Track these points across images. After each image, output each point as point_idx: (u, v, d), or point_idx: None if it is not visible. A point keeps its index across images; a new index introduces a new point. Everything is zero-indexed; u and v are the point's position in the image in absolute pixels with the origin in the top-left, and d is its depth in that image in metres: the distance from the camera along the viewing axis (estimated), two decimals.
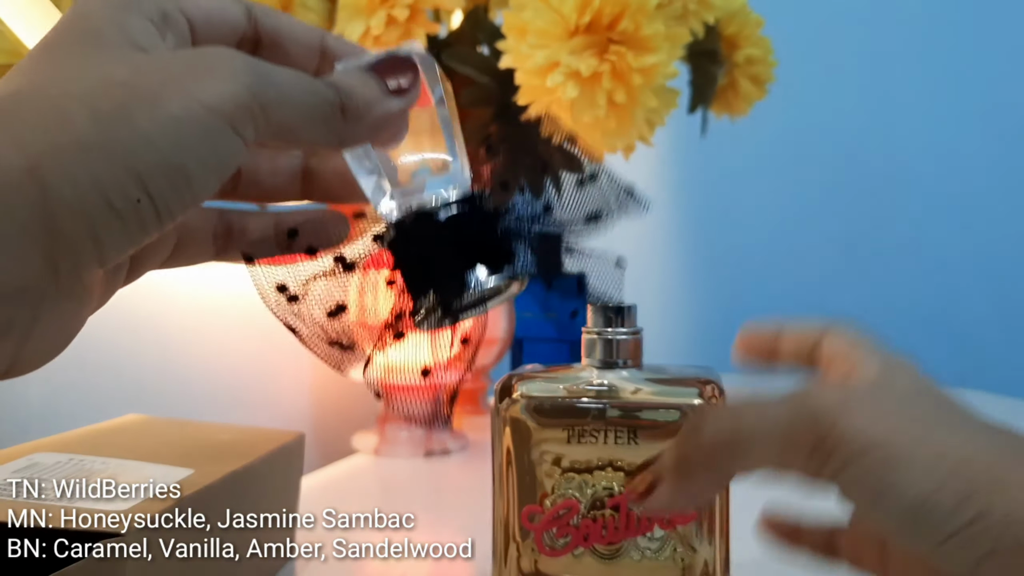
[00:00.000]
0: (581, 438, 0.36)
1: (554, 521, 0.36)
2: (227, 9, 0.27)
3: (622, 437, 0.36)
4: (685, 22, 0.72)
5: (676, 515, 0.35)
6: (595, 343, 0.38)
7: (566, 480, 0.36)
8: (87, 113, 0.21)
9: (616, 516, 0.35)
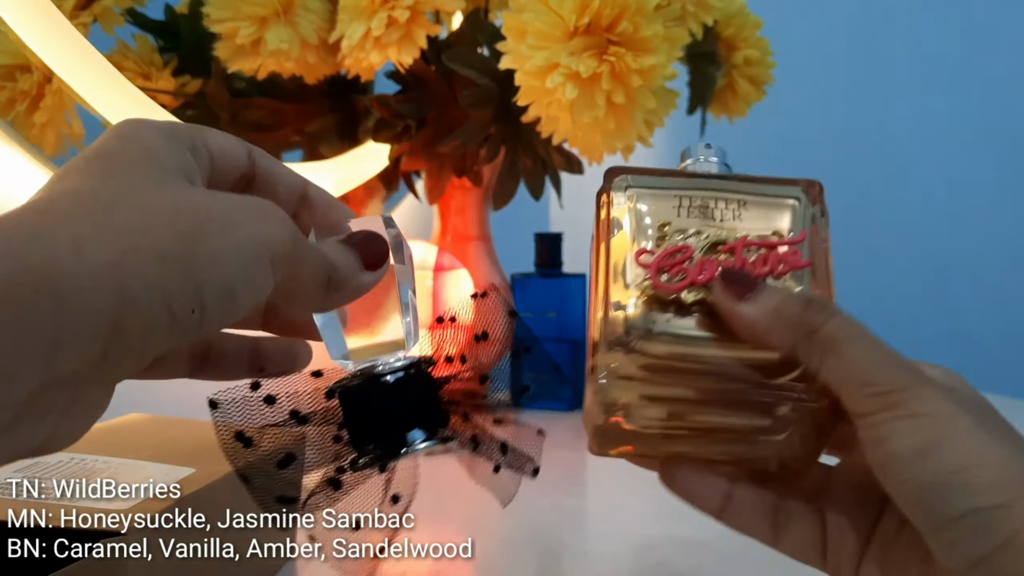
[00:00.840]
0: (690, 212, 0.35)
1: (669, 260, 0.34)
2: (235, 148, 0.31)
3: (729, 212, 0.35)
4: (684, 23, 0.73)
5: (792, 259, 0.34)
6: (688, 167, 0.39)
7: (678, 234, 0.35)
8: (167, 227, 0.24)
9: (731, 259, 0.34)
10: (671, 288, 0.34)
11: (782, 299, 0.31)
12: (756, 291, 0.32)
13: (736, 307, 0.32)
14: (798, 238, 0.34)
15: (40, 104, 0.60)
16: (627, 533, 0.57)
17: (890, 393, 0.28)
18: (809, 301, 0.31)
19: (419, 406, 0.33)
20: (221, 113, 0.79)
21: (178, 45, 0.76)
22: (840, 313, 0.31)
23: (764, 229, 0.35)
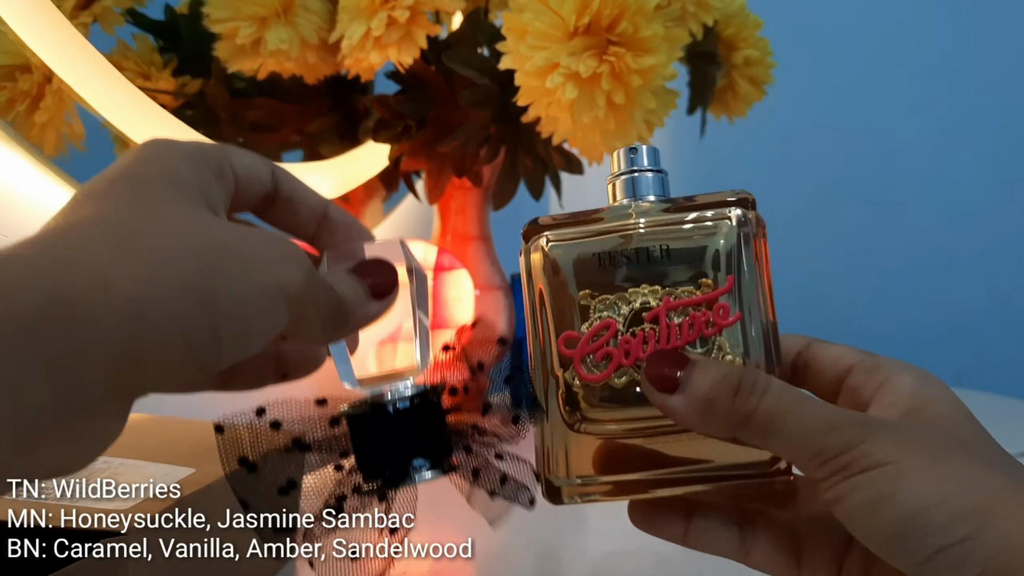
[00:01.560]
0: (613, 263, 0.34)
1: (592, 344, 0.33)
2: (260, 168, 0.31)
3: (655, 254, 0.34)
4: (684, 24, 0.73)
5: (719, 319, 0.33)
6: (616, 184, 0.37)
7: (600, 303, 0.34)
8: (190, 260, 0.24)
9: (656, 329, 0.33)
10: (597, 378, 0.33)
11: (711, 387, 0.31)
12: (683, 378, 0.31)
13: (665, 402, 0.31)
14: (723, 289, 0.33)
15: (40, 104, 0.60)
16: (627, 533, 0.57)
17: (838, 456, 0.28)
18: (739, 386, 0.30)
19: (425, 436, 0.33)
20: (221, 113, 0.79)
21: (178, 45, 0.76)
22: (772, 386, 0.30)
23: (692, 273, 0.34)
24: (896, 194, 1.75)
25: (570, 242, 0.35)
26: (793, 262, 1.59)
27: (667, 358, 0.32)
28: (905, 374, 0.32)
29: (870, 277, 1.74)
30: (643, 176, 0.36)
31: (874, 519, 0.27)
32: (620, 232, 0.35)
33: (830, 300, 1.69)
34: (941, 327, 1.69)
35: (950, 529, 0.26)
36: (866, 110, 1.75)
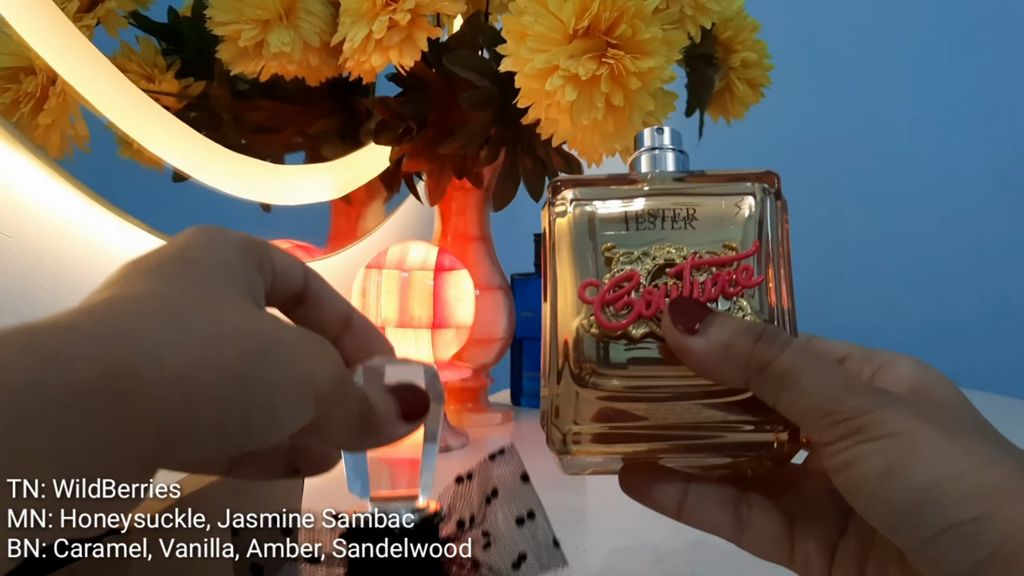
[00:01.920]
0: (639, 224, 0.34)
1: (614, 293, 0.33)
2: (294, 267, 0.32)
3: (679, 223, 0.34)
4: (682, 26, 0.73)
5: (743, 280, 0.32)
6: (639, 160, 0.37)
7: (625, 256, 0.34)
8: (235, 345, 0.25)
9: (679, 284, 0.33)
10: (617, 326, 0.33)
11: (732, 332, 0.30)
12: (705, 324, 0.31)
13: (684, 343, 0.31)
14: (749, 251, 0.33)
15: (44, 106, 0.61)
16: (627, 533, 0.57)
17: (851, 420, 0.28)
18: (760, 334, 0.30)
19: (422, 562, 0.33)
20: (224, 115, 0.79)
21: (181, 47, 0.76)
22: (792, 343, 0.30)
23: (716, 239, 0.34)
24: (894, 196, 1.75)
25: (597, 200, 0.35)
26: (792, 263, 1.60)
27: (691, 304, 0.32)
28: (904, 359, 0.32)
29: (868, 278, 1.74)
30: (667, 153, 0.36)
31: (884, 489, 0.27)
32: (646, 194, 0.35)
33: (827, 302, 1.69)
34: (940, 328, 1.69)
35: (964, 506, 0.26)
36: (863, 112, 1.75)
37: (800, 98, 1.59)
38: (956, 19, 1.72)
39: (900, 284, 1.73)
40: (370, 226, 1.02)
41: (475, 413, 0.92)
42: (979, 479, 0.26)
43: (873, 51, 1.75)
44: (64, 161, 0.61)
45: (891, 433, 0.27)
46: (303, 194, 0.88)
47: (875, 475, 0.27)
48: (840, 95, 1.75)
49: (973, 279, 1.71)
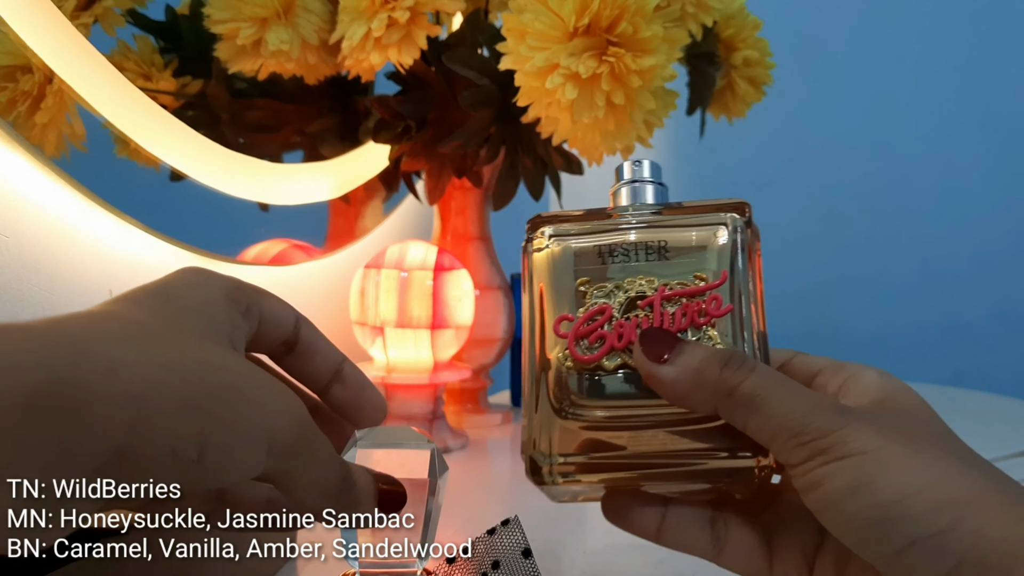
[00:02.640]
0: (613, 258, 0.35)
1: (587, 326, 0.34)
2: (285, 314, 0.33)
3: (652, 255, 0.35)
4: (683, 24, 0.73)
5: (712, 310, 0.33)
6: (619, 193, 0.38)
7: (597, 290, 0.35)
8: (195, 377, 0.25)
9: (650, 316, 0.34)
10: (590, 358, 0.34)
11: (700, 360, 0.31)
12: (675, 352, 0.32)
13: (655, 371, 0.32)
14: (718, 282, 0.34)
15: (41, 104, 0.60)
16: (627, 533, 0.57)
17: (817, 440, 0.28)
18: (727, 360, 0.31)
19: None
20: (222, 114, 0.79)
21: (179, 46, 0.76)
22: (758, 367, 0.31)
23: (688, 270, 0.35)
24: (896, 197, 1.75)
25: (572, 236, 0.36)
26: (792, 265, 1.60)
27: (661, 334, 0.33)
28: (869, 370, 0.33)
29: (870, 279, 1.74)
30: (646, 186, 0.37)
31: (851, 506, 0.27)
32: (620, 228, 0.36)
33: (829, 303, 1.69)
34: (939, 327, 1.69)
35: (928, 519, 0.26)
36: (865, 111, 1.75)
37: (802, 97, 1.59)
38: (961, 18, 1.72)
39: (903, 286, 1.73)
40: (369, 225, 1.01)
41: (475, 414, 0.92)
42: (942, 492, 0.27)
43: (876, 50, 1.75)
44: (61, 160, 0.61)
45: (856, 451, 0.28)
46: (301, 193, 0.87)
47: (842, 493, 0.28)
48: (843, 94, 1.75)
49: (976, 281, 1.71)
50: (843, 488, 0.28)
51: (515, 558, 0.35)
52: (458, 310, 0.79)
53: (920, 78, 1.74)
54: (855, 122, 1.75)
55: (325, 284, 0.92)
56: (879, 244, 1.75)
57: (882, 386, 0.32)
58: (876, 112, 1.75)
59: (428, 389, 0.79)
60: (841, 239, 1.75)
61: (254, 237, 0.83)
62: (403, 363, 0.78)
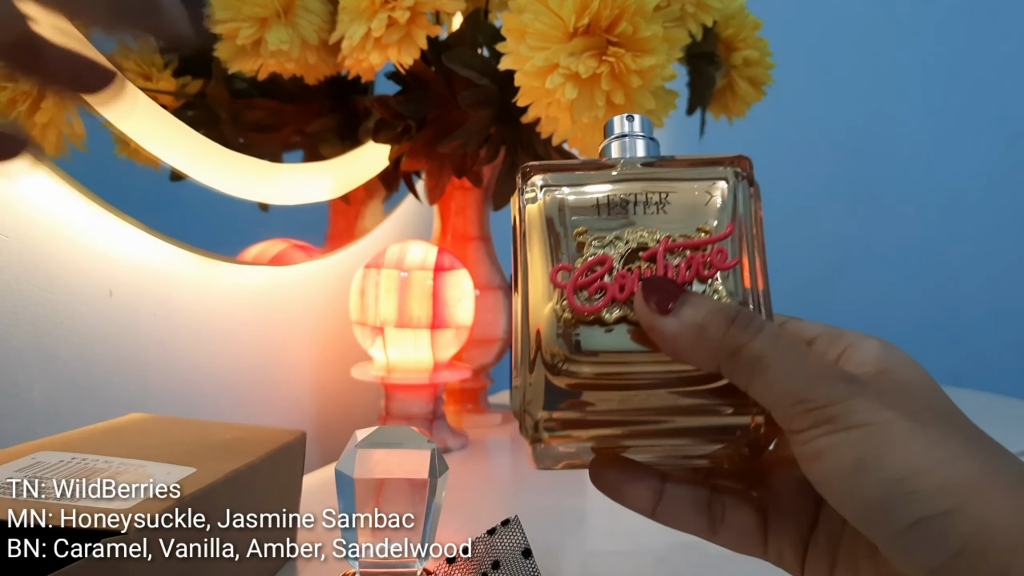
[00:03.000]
0: (610, 210, 0.33)
1: (587, 277, 0.32)
2: None
3: (651, 208, 0.33)
4: (683, 24, 0.73)
5: (718, 262, 0.32)
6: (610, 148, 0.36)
7: (597, 240, 0.33)
8: None
9: (653, 267, 0.32)
10: (590, 309, 0.32)
11: (706, 313, 0.30)
12: (679, 303, 0.30)
13: (657, 323, 0.30)
14: (724, 234, 0.32)
15: (41, 104, 0.60)
16: (627, 533, 0.57)
17: (822, 408, 0.28)
18: (734, 317, 0.30)
19: None
20: (222, 114, 0.79)
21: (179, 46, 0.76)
22: (765, 327, 0.29)
23: (689, 223, 0.33)
24: (895, 196, 1.75)
25: (567, 186, 0.34)
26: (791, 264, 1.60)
27: (665, 284, 0.31)
28: (869, 340, 0.32)
29: (869, 279, 1.74)
30: (637, 140, 0.36)
31: (854, 481, 0.27)
32: (617, 180, 0.34)
33: (829, 302, 1.69)
34: (939, 326, 1.69)
35: (934, 499, 0.25)
36: (865, 111, 1.76)
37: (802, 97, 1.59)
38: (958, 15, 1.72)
39: (902, 285, 1.73)
40: (369, 225, 1.01)
41: (475, 414, 0.92)
42: (948, 473, 0.26)
43: (876, 49, 1.75)
44: (61, 160, 0.61)
45: (861, 423, 0.27)
46: (301, 193, 0.87)
47: (845, 466, 0.27)
48: (842, 94, 1.75)
49: (976, 281, 1.71)
50: (847, 461, 0.27)
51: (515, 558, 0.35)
52: (458, 310, 0.79)
53: (920, 77, 1.74)
54: (855, 122, 1.75)
55: (325, 284, 0.92)
56: (878, 243, 1.75)
57: (884, 357, 0.31)
58: (875, 112, 1.75)
59: (428, 389, 0.79)
60: (840, 238, 1.75)
61: (254, 237, 0.83)
62: (403, 363, 0.78)
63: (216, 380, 0.76)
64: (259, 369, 0.81)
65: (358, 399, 0.94)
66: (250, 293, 0.80)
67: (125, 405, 0.64)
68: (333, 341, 0.91)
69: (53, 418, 0.59)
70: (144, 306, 0.67)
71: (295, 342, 0.87)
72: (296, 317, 0.87)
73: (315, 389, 0.90)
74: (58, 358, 0.59)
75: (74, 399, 0.61)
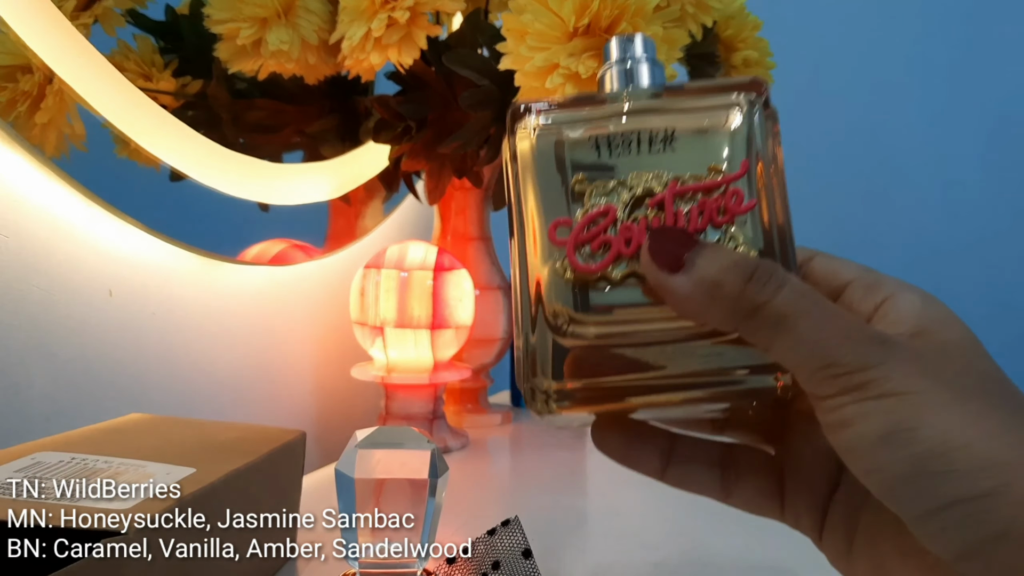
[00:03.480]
0: (612, 149, 0.30)
1: (588, 231, 0.29)
2: None
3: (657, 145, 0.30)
4: (683, 24, 0.73)
5: (732, 206, 0.29)
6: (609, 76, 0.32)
7: (598, 188, 0.30)
8: None
9: (661, 216, 0.29)
10: (594, 268, 0.29)
11: (720, 269, 0.27)
12: (691, 257, 0.27)
13: (665, 281, 0.27)
14: (738, 173, 0.29)
15: (41, 105, 0.60)
16: (627, 533, 0.57)
17: (851, 374, 0.25)
18: (752, 273, 0.26)
19: None
20: (222, 114, 0.79)
21: (179, 46, 0.76)
22: (788, 282, 0.26)
23: (700, 162, 0.30)
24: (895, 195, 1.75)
25: (562, 125, 0.31)
26: None
27: (675, 235, 0.28)
28: (909, 292, 0.29)
29: None
30: (640, 65, 0.32)
31: (883, 454, 0.24)
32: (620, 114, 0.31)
33: None
34: None
35: (973, 479, 0.23)
36: (865, 111, 1.76)
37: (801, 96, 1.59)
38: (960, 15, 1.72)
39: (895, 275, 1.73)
40: (369, 226, 1.01)
41: (475, 414, 0.92)
42: (990, 449, 0.23)
43: (876, 49, 1.75)
44: (61, 160, 0.61)
45: (894, 392, 0.25)
46: (301, 193, 0.87)
47: (874, 438, 0.24)
48: (842, 94, 1.75)
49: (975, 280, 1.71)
50: (877, 432, 0.24)
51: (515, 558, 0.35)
52: (458, 310, 0.79)
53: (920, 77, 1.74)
54: (854, 122, 1.75)
55: (325, 284, 0.92)
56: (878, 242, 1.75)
57: (924, 315, 0.28)
58: (875, 112, 1.75)
59: (428, 389, 0.79)
60: (840, 237, 1.75)
61: (254, 237, 0.83)
62: (403, 363, 0.78)
63: (216, 380, 0.76)
64: (259, 369, 0.81)
65: (358, 399, 0.94)
66: (250, 293, 0.80)
67: (125, 405, 0.64)
68: (333, 341, 0.91)
69: (53, 418, 0.59)
70: (144, 306, 0.67)
71: (295, 342, 0.87)
72: (296, 317, 0.87)
73: (315, 389, 0.90)
74: (58, 358, 0.59)
75: (74, 399, 0.61)
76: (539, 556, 0.38)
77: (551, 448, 0.83)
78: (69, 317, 0.60)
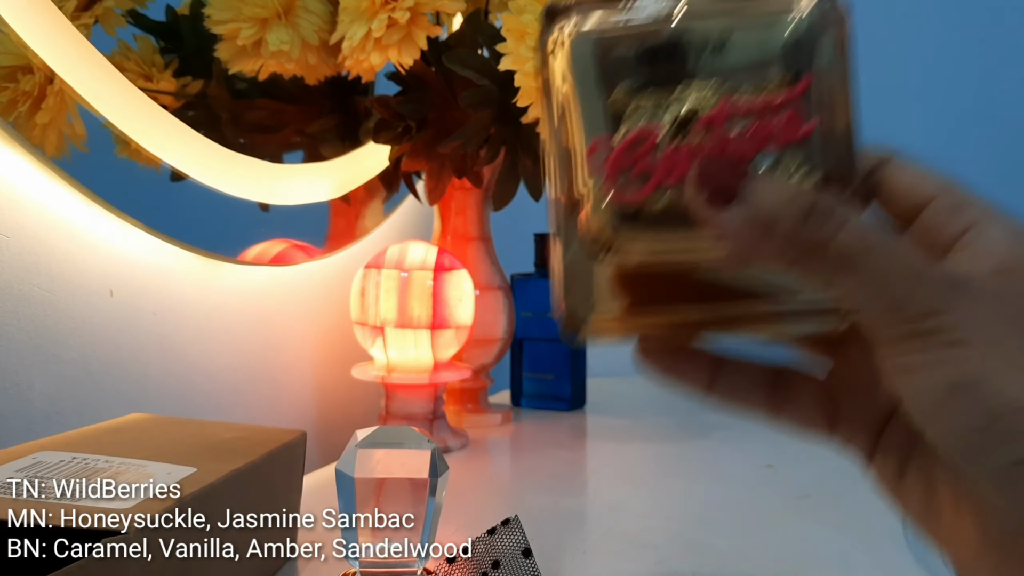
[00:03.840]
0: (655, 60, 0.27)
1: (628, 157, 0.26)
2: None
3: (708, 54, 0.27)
4: None
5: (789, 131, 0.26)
6: None
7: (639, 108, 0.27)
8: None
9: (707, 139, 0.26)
10: (633, 198, 0.27)
11: (775, 205, 0.24)
12: (740, 195, 0.25)
13: (713, 218, 0.25)
14: (796, 91, 0.26)
15: (42, 105, 0.60)
16: (627, 533, 0.57)
17: (923, 317, 0.23)
18: (810, 210, 0.24)
19: None
20: (222, 114, 0.79)
21: (179, 46, 0.76)
22: (851, 219, 0.24)
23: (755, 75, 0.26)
24: None
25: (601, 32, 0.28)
26: None
27: (724, 164, 0.25)
28: (999, 222, 0.26)
29: None
30: None
31: (947, 407, 0.23)
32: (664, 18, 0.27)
33: None
34: None
35: None
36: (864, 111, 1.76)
37: None
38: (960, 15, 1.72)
39: None
40: (369, 226, 1.01)
41: (475, 414, 0.92)
42: None
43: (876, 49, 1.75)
44: (61, 160, 0.61)
45: (965, 341, 0.23)
46: (302, 193, 0.87)
47: (939, 388, 0.23)
48: None
49: None
50: (941, 383, 0.23)
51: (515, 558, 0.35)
52: (458, 310, 0.79)
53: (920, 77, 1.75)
54: None
55: (325, 284, 0.92)
56: None
57: (1012, 251, 0.25)
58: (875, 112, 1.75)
59: (428, 389, 0.79)
60: None
61: (254, 237, 0.83)
62: (403, 363, 0.78)
63: (216, 380, 0.76)
64: (259, 369, 0.81)
65: (358, 399, 0.94)
66: (250, 293, 0.80)
67: (125, 405, 0.64)
68: (333, 341, 0.92)
69: (53, 418, 0.59)
70: (145, 306, 0.67)
71: (295, 342, 0.87)
72: (296, 317, 0.87)
73: (315, 389, 0.90)
74: (58, 358, 0.59)
75: (74, 399, 0.61)
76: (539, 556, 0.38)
77: (551, 448, 0.83)
78: (70, 317, 0.60)
